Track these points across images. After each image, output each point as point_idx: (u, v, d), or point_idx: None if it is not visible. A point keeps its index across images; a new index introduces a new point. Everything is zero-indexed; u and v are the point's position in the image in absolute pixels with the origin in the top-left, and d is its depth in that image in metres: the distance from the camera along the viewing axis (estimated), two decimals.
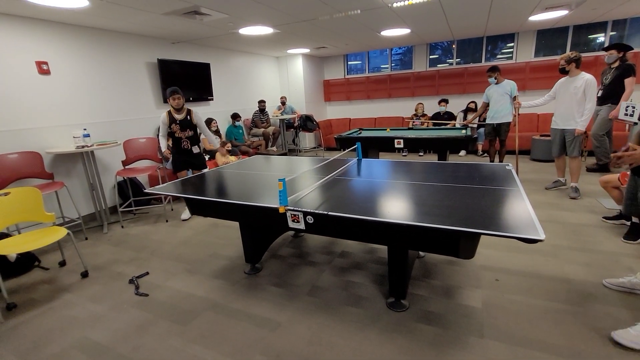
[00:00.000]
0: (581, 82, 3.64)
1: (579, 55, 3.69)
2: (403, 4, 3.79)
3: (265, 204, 1.92)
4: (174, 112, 3.68)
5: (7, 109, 3.33)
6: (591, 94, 3.63)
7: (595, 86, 3.66)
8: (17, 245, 2.48)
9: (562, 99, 3.85)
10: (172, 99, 3.60)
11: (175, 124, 3.68)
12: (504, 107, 4.58)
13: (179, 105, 3.64)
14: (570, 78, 3.77)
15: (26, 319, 2.22)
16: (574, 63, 3.68)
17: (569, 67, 3.72)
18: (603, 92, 4.40)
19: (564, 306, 2.00)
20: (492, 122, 4.71)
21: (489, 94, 4.70)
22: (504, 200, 1.76)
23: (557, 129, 3.93)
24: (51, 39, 3.66)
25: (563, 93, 3.83)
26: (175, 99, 3.60)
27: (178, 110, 3.68)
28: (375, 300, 2.16)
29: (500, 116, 4.61)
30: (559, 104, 3.89)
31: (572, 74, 3.75)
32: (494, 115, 4.67)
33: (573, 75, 3.74)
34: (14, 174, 3.29)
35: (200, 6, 3.40)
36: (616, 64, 4.32)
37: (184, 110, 3.73)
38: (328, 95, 8.57)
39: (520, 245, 2.70)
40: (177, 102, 3.61)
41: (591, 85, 3.61)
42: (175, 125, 3.68)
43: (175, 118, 3.67)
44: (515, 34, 6.51)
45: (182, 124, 3.71)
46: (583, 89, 3.64)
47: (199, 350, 1.83)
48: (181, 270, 2.74)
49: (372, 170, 2.66)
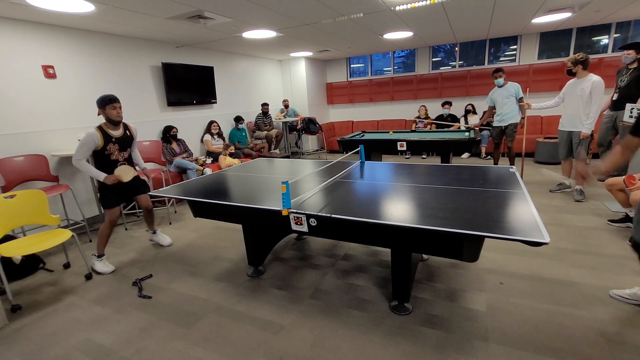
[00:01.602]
0: (588, 83, 3.60)
1: (586, 57, 3.63)
2: (406, 7, 3.80)
3: (268, 207, 1.92)
4: (109, 128, 2.82)
5: (13, 112, 3.37)
6: (597, 96, 3.58)
7: (602, 88, 3.60)
8: (22, 247, 2.50)
9: (570, 100, 3.82)
10: (110, 108, 2.73)
11: (112, 143, 2.83)
12: (511, 109, 4.56)
13: (120, 117, 2.81)
14: (577, 80, 3.73)
15: (30, 320, 2.23)
16: (580, 65, 3.64)
17: (575, 69, 3.69)
18: (619, 95, 3.97)
19: (570, 310, 1.98)
20: (500, 124, 4.67)
21: (494, 97, 4.68)
22: (508, 202, 1.75)
23: (564, 131, 3.90)
24: (57, 43, 3.70)
25: (570, 95, 3.80)
26: (116, 108, 2.76)
27: (116, 125, 2.85)
28: (378, 303, 2.15)
29: (508, 118, 4.59)
30: (567, 106, 3.87)
31: (580, 76, 3.70)
32: (501, 118, 4.64)
33: (580, 77, 3.69)
34: (19, 176, 3.32)
35: (204, 10, 3.43)
36: (634, 65, 3.91)
37: (120, 125, 2.90)
38: (331, 98, 8.59)
39: (524, 248, 2.68)
40: (117, 113, 2.78)
41: (597, 87, 3.56)
42: (112, 145, 2.83)
43: (111, 135, 2.82)
44: (518, 37, 6.50)
45: (121, 142, 2.88)
46: (589, 91, 3.60)
47: (202, 352, 1.82)
48: (184, 272, 2.74)
49: (374, 172, 2.66)
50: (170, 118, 5.06)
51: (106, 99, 2.73)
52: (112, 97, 2.75)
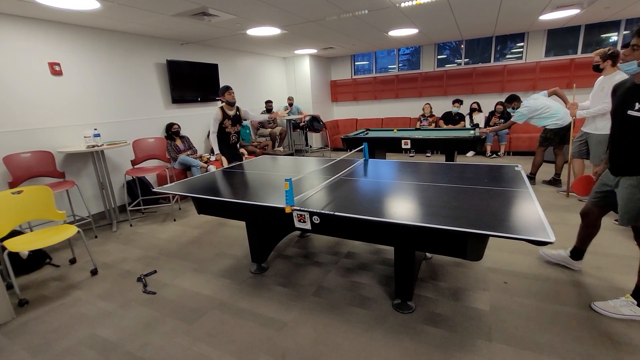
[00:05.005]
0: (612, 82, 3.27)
1: (616, 52, 3.20)
2: (411, 3, 3.77)
3: (271, 204, 1.92)
4: (226, 109, 3.83)
5: (20, 109, 3.41)
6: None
7: None
8: (29, 242, 2.53)
9: (593, 99, 3.47)
10: (228, 94, 3.77)
11: (228, 119, 3.85)
12: (560, 109, 4.05)
13: (233, 100, 3.83)
14: (605, 78, 3.33)
15: (37, 315, 2.26)
16: (610, 60, 3.24)
17: (603, 65, 3.29)
18: None
19: (574, 310, 1.96)
20: (563, 123, 4.02)
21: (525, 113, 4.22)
22: (513, 201, 1.73)
23: (583, 131, 3.62)
24: (63, 41, 3.73)
25: (595, 93, 3.46)
26: (231, 94, 3.79)
27: (231, 106, 3.85)
28: (381, 301, 2.15)
29: (566, 118, 4.01)
30: (591, 105, 3.50)
31: (607, 72, 3.29)
32: (563, 116, 4.02)
33: (608, 74, 3.29)
34: (26, 172, 3.36)
35: (209, 7, 3.43)
36: None
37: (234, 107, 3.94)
38: (335, 95, 8.56)
39: (529, 247, 2.66)
40: (232, 97, 3.80)
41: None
42: (227, 121, 3.85)
43: (228, 114, 3.85)
44: (525, 34, 6.42)
45: (233, 119, 3.91)
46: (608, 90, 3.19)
47: (205, 348, 1.84)
48: (188, 269, 2.76)
49: (378, 170, 2.65)
50: (175, 115, 5.08)
51: (224, 88, 3.78)
52: (228, 86, 3.81)
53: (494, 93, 6.74)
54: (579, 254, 2.36)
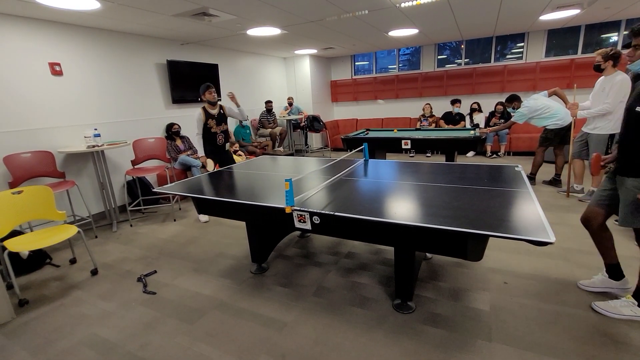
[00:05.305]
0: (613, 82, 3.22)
1: (618, 52, 3.21)
2: (411, 3, 3.77)
3: (271, 204, 1.92)
4: (209, 108, 3.74)
5: (21, 109, 3.41)
6: (614, 94, 3.19)
7: (623, 88, 3.16)
8: (29, 242, 2.53)
9: (593, 100, 3.48)
10: (208, 93, 3.68)
11: (212, 119, 3.73)
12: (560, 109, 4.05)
13: (214, 98, 3.72)
14: (605, 78, 3.34)
15: (37, 315, 2.26)
16: (611, 60, 3.24)
17: (604, 65, 3.29)
18: None
19: (575, 310, 1.96)
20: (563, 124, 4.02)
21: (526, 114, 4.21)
22: (513, 202, 1.73)
23: (583, 131, 3.62)
24: (63, 41, 3.73)
25: (595, 93, 3.46)
26: (212, 92, 3.69)
27: (213, 105, 3.75)
28: (381, 301, 2.15)
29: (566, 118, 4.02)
30: (592, 105, 3.50)
31: (608, 73, 3.30)
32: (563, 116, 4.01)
33: (608, 74, 3.30)
34: (27, 172, 3.36)
35: (209, 7, 3.44)
36: None
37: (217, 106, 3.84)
38: (335, 95, 8.56)
39: (529, 247, 2.66)
40: (212, 96, 3.70)
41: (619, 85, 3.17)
42: (211, 120, 3.73)
43: (211, 113, 3.74)
44: (525, 34, 6.42)
45: (217, 118, 3.79)
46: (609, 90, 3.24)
47: (205, 348, 1.84)
48: (188, 269, 2.76)
49: (379, 171, 2.65)
50: (175, 115, 5.08)
51: (205, 86, 3.67)
52: (209, 84, 3.70)
53: (494, 93, 6.74)
54: (616, 271, 2.08)
